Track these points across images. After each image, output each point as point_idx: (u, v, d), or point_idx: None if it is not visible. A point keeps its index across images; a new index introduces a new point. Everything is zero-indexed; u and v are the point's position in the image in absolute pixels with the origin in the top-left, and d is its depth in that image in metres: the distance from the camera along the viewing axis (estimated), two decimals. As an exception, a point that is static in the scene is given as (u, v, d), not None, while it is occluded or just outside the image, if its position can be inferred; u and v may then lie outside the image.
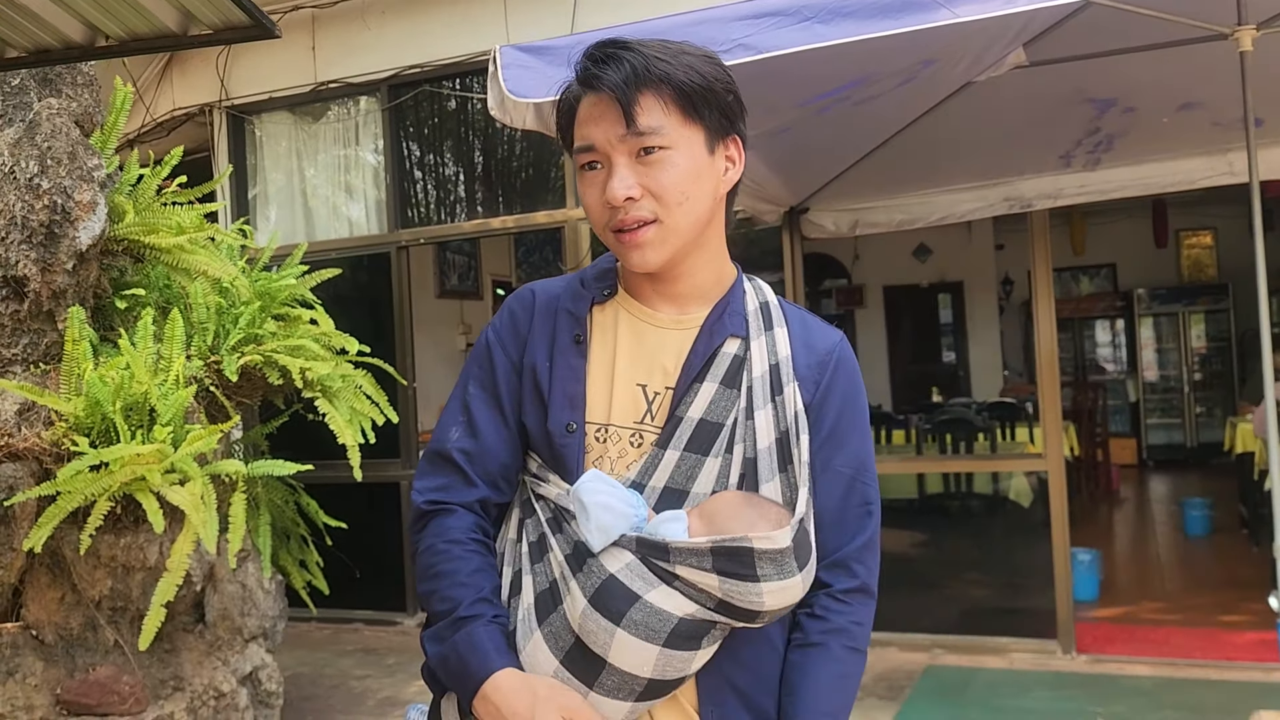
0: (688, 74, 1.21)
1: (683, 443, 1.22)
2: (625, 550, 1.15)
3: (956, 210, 4.81)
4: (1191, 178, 4.37)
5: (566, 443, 1.24)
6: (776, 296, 1.35)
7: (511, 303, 1.36)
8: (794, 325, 1.32)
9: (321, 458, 3.93)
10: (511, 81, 2.71)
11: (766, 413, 1.24)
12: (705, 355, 1.25)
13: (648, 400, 1.26)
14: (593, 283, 1.33)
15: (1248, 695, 3.74)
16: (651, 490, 1.22)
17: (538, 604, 1.19)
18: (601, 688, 1.15)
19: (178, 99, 6.49)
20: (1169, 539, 7.37)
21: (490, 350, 1.33)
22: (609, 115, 1.20)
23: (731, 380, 1.25)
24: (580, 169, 1.25)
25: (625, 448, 1.24)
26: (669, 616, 1.13)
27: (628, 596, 1.13)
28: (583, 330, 1.29)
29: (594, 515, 1.16)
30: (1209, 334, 11.15)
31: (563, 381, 1.26)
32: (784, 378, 1.26)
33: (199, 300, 3.35)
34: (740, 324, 1.28)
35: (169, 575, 2.77)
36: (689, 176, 1.21)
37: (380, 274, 6.18)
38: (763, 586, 1.13)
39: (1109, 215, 10.39)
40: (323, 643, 5.65)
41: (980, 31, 3.12)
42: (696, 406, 1.23)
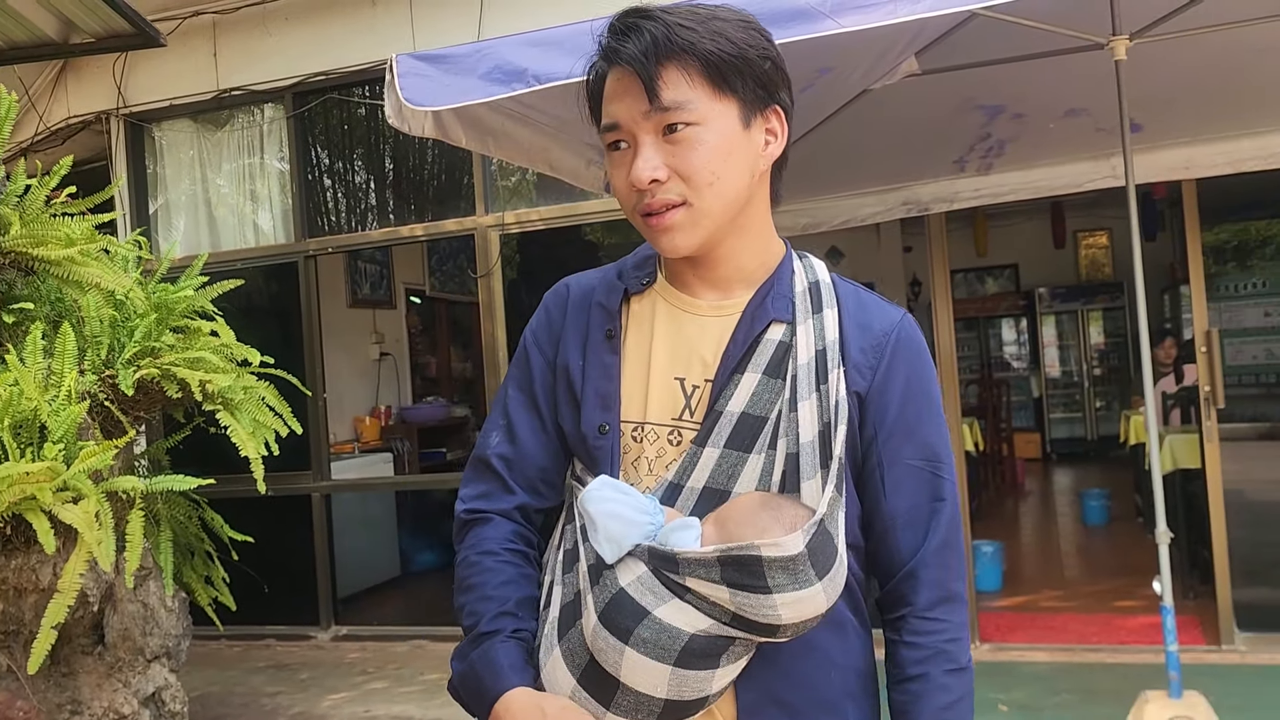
0: (715, 41, 1.10)
1: (722, 439, 1.14)
2: (639, 561, 1.07)
3: (859, 214, 4.92)
4: (1078, 181, 4.54)
5: (600, 444, 1.18)
6: (832, 274, 1.25)
7: (548, 299, 1.30)
8: (848, 304, 1.21)
9: (227, 471, 3.85)
10: (409, 90, 2.71)
11: (811, 403, 1.14)
12: (745, 344, 1.16)
13: (686, 394, 1.17)
14: (631, 272, 1.26)
15: (1138, 676, 3.90)
16: (690, 491, 1.13)
17: (561, 617, 1.14)
18: (618, 708, 1.08)
19: (72, 107, 6.30)
20: (1069, 529, 7.65)
21: (528, 351, 1.28)
22: (632, 91, 1.11)
23: (776, 369, 1.15)
24: (607, 149, 1.16)
25: (664, 446, 1.17)
26: (679, 634, 1.04)
27: (636, 612, 1.05)
28: (615, 325, 1.21)
29: (602, 526, 1.09)
30: (1106, 331, 11.60)
31: (595, 380, 1.20)
32: (830, 364, 1.15)
33: (92, 313, 3.26)
34: (786, 307, 1.18)
35: (60, 596, 2.69)
36: (719, 154, 1.11)
37: (288, 284, 6.08)
38: (776, 599, 1.03)
39: (1010, 217, 10.74)
40: (232, 660, 5.54)
41: (872, 41, 3.22)
42: (737, 400, 1.14)
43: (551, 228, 5.65)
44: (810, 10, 2.44)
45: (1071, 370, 11.73)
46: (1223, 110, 4.12)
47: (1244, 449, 4.89)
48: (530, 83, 2.60)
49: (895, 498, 1.16)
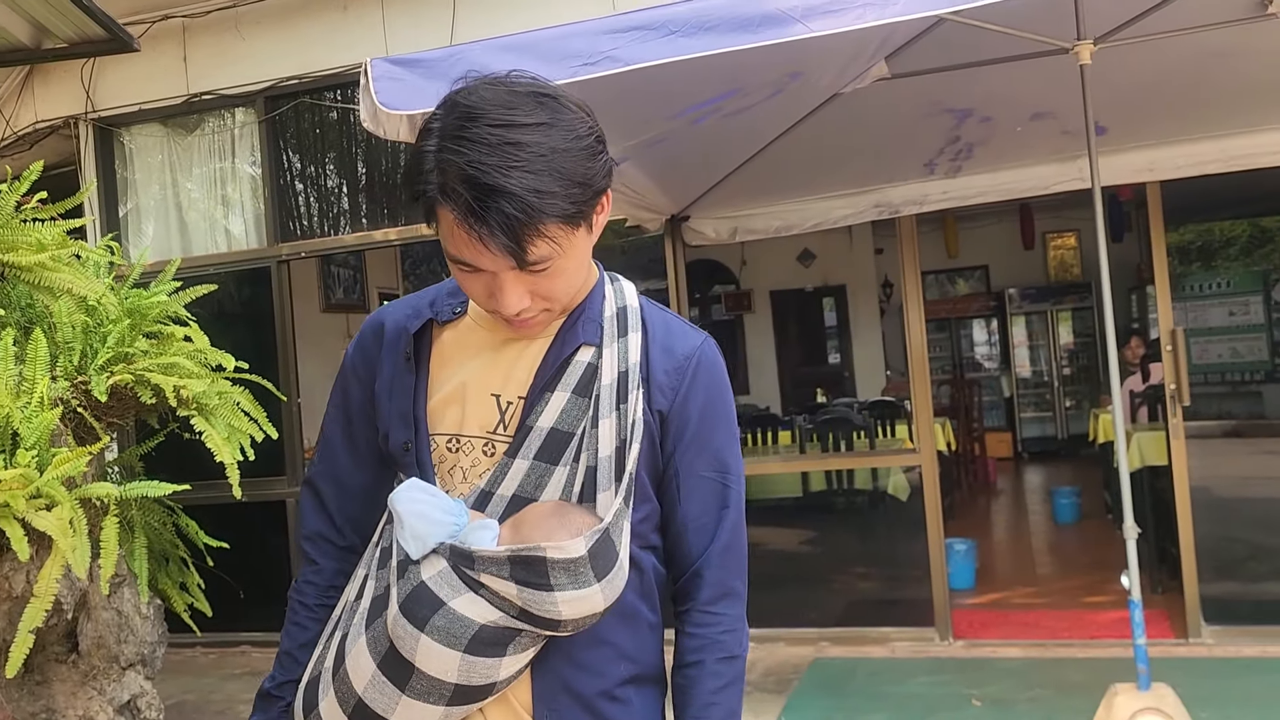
0: (569, 192, 1.10)
1: (532, 451, 1.22)
2: (440, 558, 1.17)
3: (830, 216, 4.97)
4: (1045, 183, 4.61)
5: (407, 460, 1.27)
6: (641, 299, 1.32)
7: (364, 328, 1.39)
8: (655, 329, 1.28)
9: (201, 478, 3.83)
10: (383, 94, 2.72)
11: (610, 421, 1.22)
12: (555, 365, 1.24)
13: (500, 410, 1.25)
14: (445, 300, 1.33)
15: (1107, 670, 3.96)
16: (500, 498, 1.22)
17: (371, 608, 1.22)
18: (412, 691, 1.16)
19: (40, 111, 6.23)
20: (1040, 527, 7.74)
21: (345, 377, 1.39)
22: (493, 252, 1.11)
23: (584, 389, 1.24)
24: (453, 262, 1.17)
25: (479, 457, 1.25)
26: (470, 623, 1.14)
27: (433, 603, 1.14)
28: (412, 348, 1.30)
29: (408, 524, 1.18)
30: (1075, 330, 11.73)
31: (397, 401, 1.30)
32: (630, 385, 1.24)
33: (64, 319, 3.24)
34: (595, 331, 1.26)
35: (36, 602, 2.68)
36: (578, 269, 1.19)
37: (261, 288, 6.06)
38: (557, 595, 1.13)
39: (980, 219, 10.84)
40: (208, 668, 5.50)
41: (843, 45, 3.26)
42: (547, 416, 1.23)
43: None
44: (781, 15, 2.48)
45: (1041, 370, 11.85)
46: (1185, 114, 4.20)
47: (1209, 446, 4.98)
48: (504, 87, 2.62)
49: (688, 504, 1.27)
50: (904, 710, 4.07)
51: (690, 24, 2.52)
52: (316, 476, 1.40)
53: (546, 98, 1.14)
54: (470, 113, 1.11)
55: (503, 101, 1.11)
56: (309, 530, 1.39)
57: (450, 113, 1.13)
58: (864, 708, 4.13)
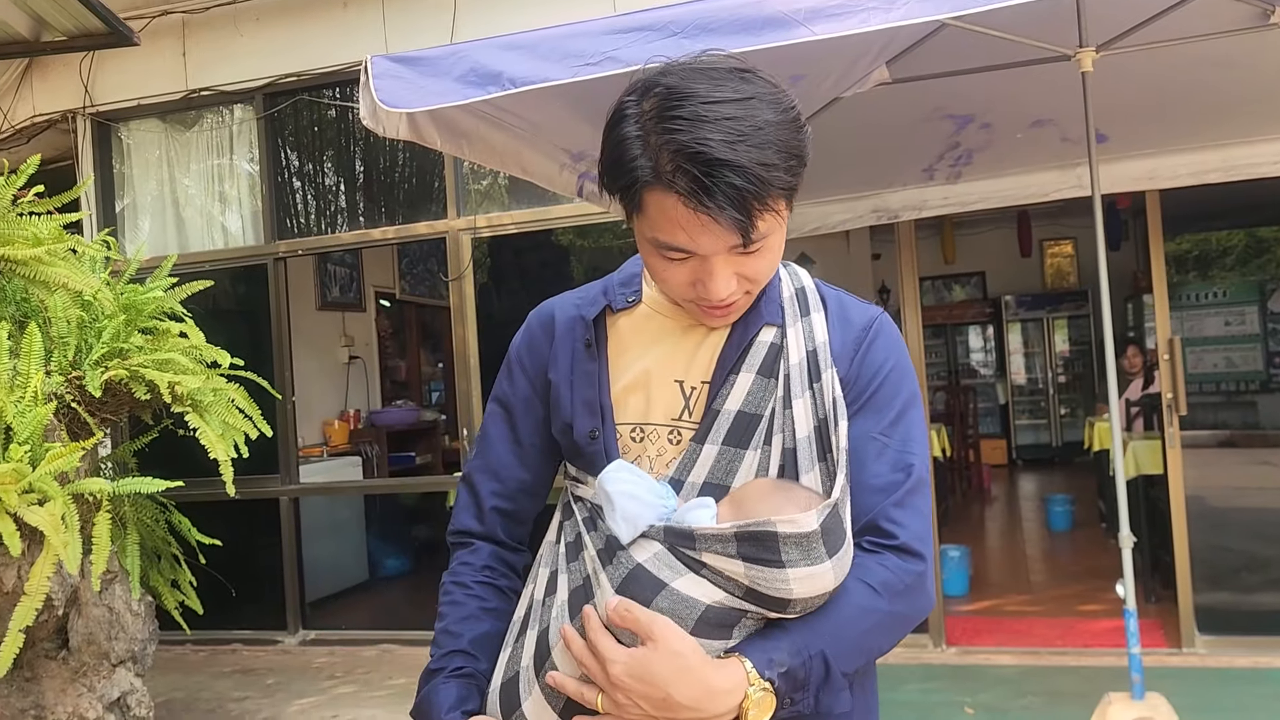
0: (789, 164, 1.08)
1: (720, 436, 1.19)
2: (653, 540, 1.11)
3: (828, 221, 4.96)
4: (1045, 190, 4.61)
5: (594, 450, 1.23)
6: (814, 280, 1.31)
7: (531, 319, 1.36)
8: (831, 306, 1.27)
9: (194, 474, 3.82)
10: (383, 91, 2.70)
11: (804, 401, 1.19)
12: (740, 345, 1.21)
13: (684, 396, 1.22)
14: (618, 289, 1.31)
15: (1101, 679, 3.96)
16: (691, 486, 1.18)
17: (571, 600, 1.17)
18: None
19: (38, 105, 6.22)
20: (1034, 534, 7.74)
21: (511, 369, 1.36)
22: (717, 232, 1.08)
23: (769, 370, 1.21)
24: (660, 250, 1.14)
25: (664, 445, 1.22)
26: (696, 603, 1.07)
27: (655, 584, 1.09)
28: (593, 335, 1.27)
29: (619, 505, 1.13)
30: (1071, 338, 11.75)
31: (580, 390, 1.26)
32: (822, 363, 1.21)
33: (59, 314, 3.23)
34: (776, 311, 1.24)
35: (27, 599, 2.66)
36: (780, 248, 1.17)
37: (258, 286, 6.04)
38: (789, 573, 1.06)
39: (977, 226, 10.86)
40: (199, 665, 5.48)
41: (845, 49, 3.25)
42: (733, 399, 1.19)
43: (523, 231, 5.65)
44: (784, 18, 2.47)
45: (1037, 377, 11.87)
46: (1186, 122, 4.19)
47: (1205, 455, 4.98)
48: (506, 86, 2.61)
49: (860, 469, 1.18)
50: (897, 717, 4.06)
51: (693, 25, 2.50)
52: (474, 471, 1.37)
53: (747, 73, 1.12)
54: (675, 93, 1.08)
55: (708, 78, 1.09)
56: (458, 526, 1.36)
57: (647, 95, 1.10)
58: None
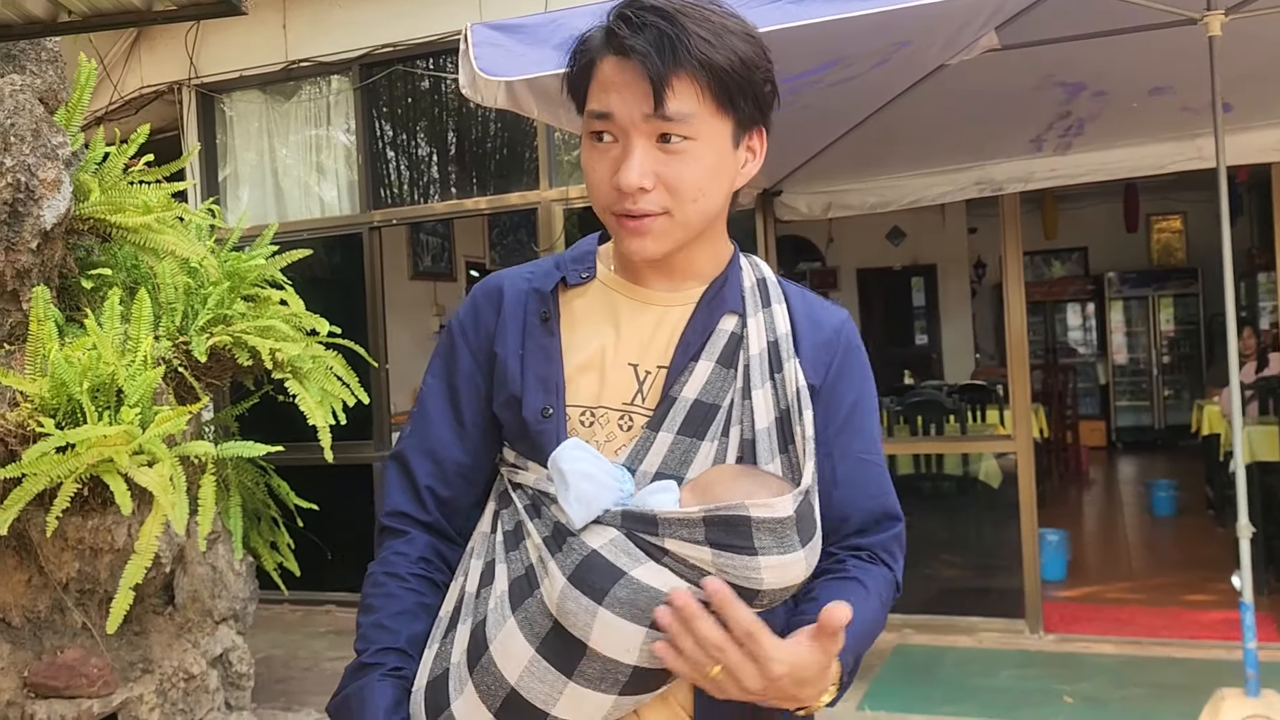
0: (729, 58, 1.07)
1: (676, 425, 1.13)
2: (609, 526, 1.05)
3: (928, 193, 4.82)
4: (1160, 162, 4.40)
5: (543, 429, 1.15)
6: (774, 274, 1.28)
7: (477, 292, 1.28)
8: (795, 301, 1.24)
9: (292, 439, 3.90)
10: (483, 60, 2.69)
11: (765, 391, 1.16)
12: (704, 332, 1.17)
13: (639, 380, 1.17)
14: (570, 264, 1.25)
15: (1211, 673, 3.80)
16: (643, 475, 1.12)
17: (511, 590, 1.10)
18: (582, 676, 1.04)
19: (146, 77, 6.40)
20: (1136, 520, 7.48)
21: (454, 343, 1.26)
22: (635, 88, 1.07)
23: (728, 359, 1.17)
24: (588, 135, 1.13)
25: (614, 430, 1.16)
26: (656, 594, 1.01)
27: (611, 573, 1.02)
28: (550, 308, 1.21)
29: (574, 485, 1.06)
30: (1178, 318, 11.29)
31: (534, 365, 1.18)
32: (783, 354, 1.18)
33: (167, 280, 3.31)
34: (738, 300, 1.20)
35: (137, 557, 2.75)
36: (709, 172, 1.11)
37: (352, 255, 6.14)
38: (760, 560, 1.02)
39: (1080, 199, 10.47)
40: (295, 624, 5.64)
41: (954, 14, 3.13)
42: (691, 386, 1.15)
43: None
44: (895, -20, 2.38)
45: (1139, 358, 11.45)
46: (1318, 90, 3.95)
47: (1326, 442, 4.73)
48: (605, 54, 2.57)
49: (847, 488, 1.20)
50: (991, 704, 3.96)
51: (800, -11, 2.43)
52: (408, 450, 1.26)
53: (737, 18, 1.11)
54: None
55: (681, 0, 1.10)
56: (393, 508, 1.25)
57: None
58: (949, 698, 4.03)
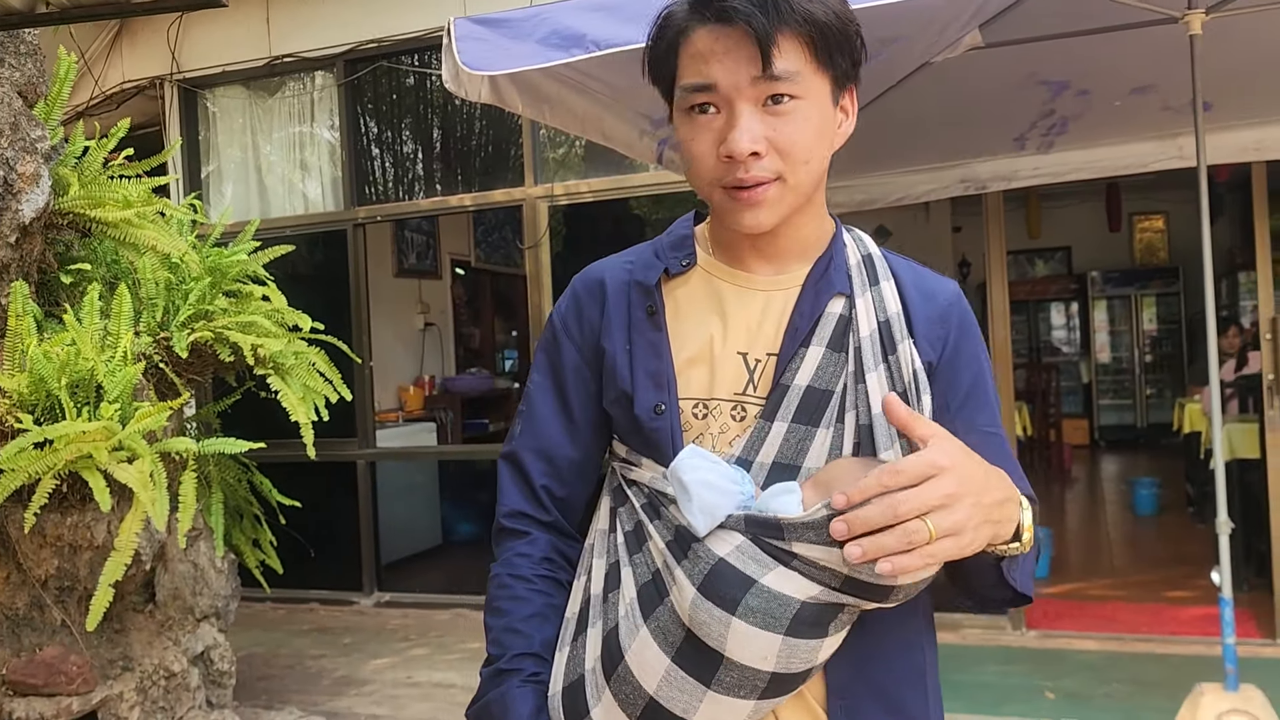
0: (826, 12, 1.05)
1: (790, 413, 1.10)
2: (734, 531, 1.02)
3: (913, 191, 4.83)
4: (1143, 161, 4.42)
5: (658, 425, 1.13)
6: (880, 248, 1.22)
7: (577, 285, 1.25)
8: (904, 276, 1.19)
9: (275, 436, 3.88)
10: (466, 54, 2.68)
11: (879, 374, 1.11)
12: (811, 316, 1.13)
13: (749, 369, 1.13)
14: (669, 253, 1.21)
15: (1191, 668, 3.82)
16: (759, 466, 1.09)
17: (641, 597, 1.08)
18: (720, 685, 1.02)
19: (127, 71, 6.35)
20: (1118, 517, 7.52)
21: (557, 338, 1.24)
22: (739, 53, 1.04)
23: (838, 343, 1.13)
24: (686, 110, 1.09)
25: (727, 422, 1.12)
26: (790, 601, 0.99)
27: (742, 582, 1.00)
28: (655, 302, 1.17)
29: (696, 495, 1.03)
30: (1160, 316, 11.37)
31: (644, 360, 1.15)
32: (896, 335, 1.13)
33: (148, 275, 3.29)
34: (845, 280, 1.16)
35: (117, 554, 2.73)
36: (817, 132, 1.08)
37: (337, 251, 6.11)
38: None
39: (1064, 199, 10.52)
40: (278, 622, 5.61)
41: (938, 11, 3.14)
42: (804, 373, 1.11)
43: (601, 200, 5.61)
44: (881, -23, 2.38)
45: (1122, 356, 11.52)
46: (1298, 89, 3.98)
47: (1305, 440, 4.76)
48: (589, 49, 2.56)
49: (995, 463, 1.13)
50: (974, 700, 3.98)
51: (783, -15, 2.43)
52: (520, 450, 1.25)
53: None
54: None
55: None
56: (510, 508, 1.24)
57: None
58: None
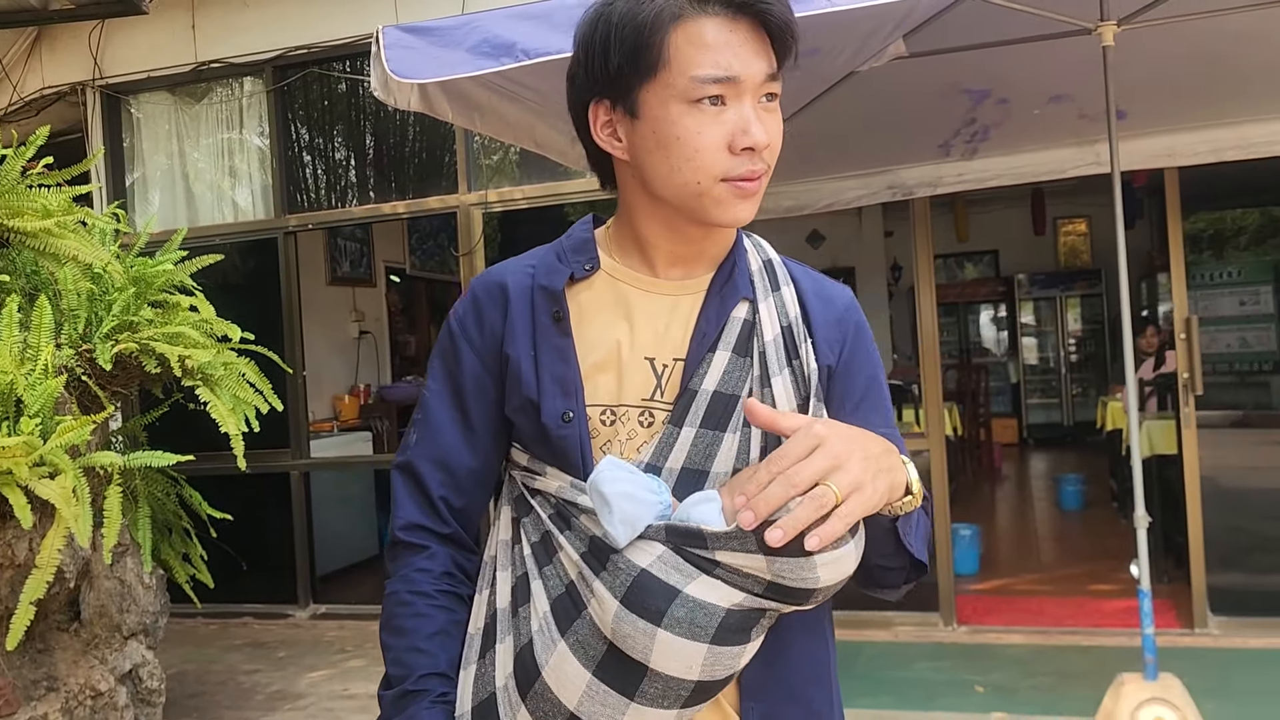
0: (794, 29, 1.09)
1: (699, 418, 1.10)
2: (654, 542, 1.02)
3: (842, 197, 4.91)
4: (1062, 167, 4.55)
5: (565, 433, 1.11)
6: (778, 254, 1.24)
7: (478, 289, 1.21)
8: (803, 282, 1.21)
9: (205, 448, 3.82)
10: (395, 62, 2.67)
11: (784, 379, 1.13)
12: (718, 321, 1.14)
13: (657, 374, 1.13)
14: (571, 256, 1.19)
15: (1113, 659, 3.94)
16: (669, 472, 1.10)
17: (555, 611, 1.06)
18: (644, 697, 1.02)
19: (47, 77, 6.20)
20: (1045, 513, 7.72)
21: (455, 344, 1.20)
22: (753, 46, 1.06)
23: (743, 348, 1.14)
24: (693, 102, 1.06)
25: (635, 428, 1.12)
26: (715, 609, 1.00)
27: (666, 592, 0.99)
28: (561, 307, 1.15)
29: (617, 507, 1.02)
30: (1084, 317, 11.68)
31: (550, 367, 1.13)
32: (799, 339, 1.16)
33: (69, 286, 3.22)
34: (748, 285, 1.17)
35: (38, 572, 2.67)
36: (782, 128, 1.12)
37: (268, 260, 6.03)
38: (817, 560, 0.98)
39: (991, 204, 10.78)
40: (210, 638, 5.51)
41: (861, 22, 3.20)
42: (711, 378, 1.11)
43: (535, 206, 5.62)
44: (802, -11, 2.43)
45: (1049, 356, 11.81)
46: (1205, 99, 4.13)
47: (1219, 435, 4.94)
48: (519, 57, 2.58)
49: None
50: (906, 695, 4.06)
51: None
52: (416, 460, 1.20)
53: None
54: None
55: None
56: (407, 520, 1.19)
57: None
58: (866, 691, 4.12)
